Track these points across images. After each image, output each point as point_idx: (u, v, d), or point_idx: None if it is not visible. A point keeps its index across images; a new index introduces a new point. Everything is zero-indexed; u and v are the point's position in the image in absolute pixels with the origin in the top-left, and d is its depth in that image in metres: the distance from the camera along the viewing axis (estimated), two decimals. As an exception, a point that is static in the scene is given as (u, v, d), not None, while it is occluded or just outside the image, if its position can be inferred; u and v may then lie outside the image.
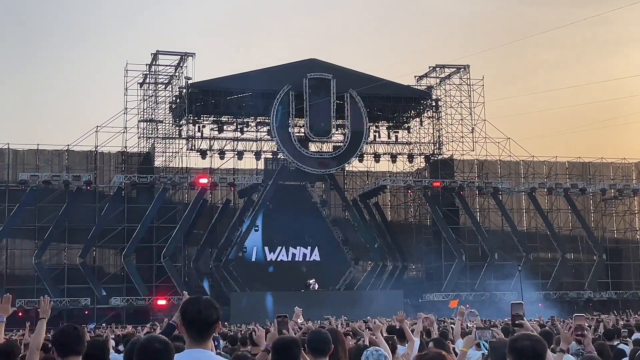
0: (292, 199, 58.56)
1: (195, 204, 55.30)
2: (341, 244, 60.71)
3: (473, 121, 61.07)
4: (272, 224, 57.64)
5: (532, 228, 63.94)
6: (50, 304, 7.45)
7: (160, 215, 54.43)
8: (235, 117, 59.38)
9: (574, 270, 63.00)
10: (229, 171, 59.66)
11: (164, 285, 52.20)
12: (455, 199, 60.47)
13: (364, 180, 64.74)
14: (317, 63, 58.25)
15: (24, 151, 55.97)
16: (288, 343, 5.73)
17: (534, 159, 62.64)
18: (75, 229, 53.91)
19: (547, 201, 63.33)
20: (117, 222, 53.82)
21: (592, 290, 59.31)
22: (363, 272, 62.22)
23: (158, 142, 57.43)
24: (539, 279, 58.21)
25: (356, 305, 43.77)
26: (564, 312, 46.24)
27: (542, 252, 63.10)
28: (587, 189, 61.99)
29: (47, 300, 7.50)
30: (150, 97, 57.64)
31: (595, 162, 65.96)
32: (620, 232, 66.86)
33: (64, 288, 51.94)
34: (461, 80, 61.91)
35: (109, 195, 55.46)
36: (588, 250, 62.51)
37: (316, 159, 58.11)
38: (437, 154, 62.10)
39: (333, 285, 57.51)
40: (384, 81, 58.64)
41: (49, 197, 52.62)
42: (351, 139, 58.16)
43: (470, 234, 59.67)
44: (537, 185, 60.84)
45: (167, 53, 56.79)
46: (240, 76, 56.39)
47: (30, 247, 54.01)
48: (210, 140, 58.95)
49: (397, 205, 66.34)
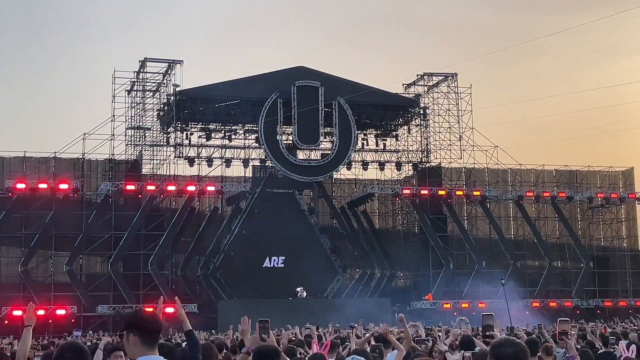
0: (279, 206, 58.52)
1: (182, 211, 55.15)
2: (329, 251, 60.69)
3: (461, 129, 61.30)
4: (259, 232, 57.50)
5: (520, 236, 64.10)
6: (35, 311, 7.42)
7: (147, 223, 54.27)
8: (223, 124, 59.34)
9: (561, 278, 63.20)
10: (217, 179, 59.58)
11: (152, 293, 51.99)
12: (443, 207, 60.55)
13: (352, 188, 64.81)
14: (305, 71, 58.31)
15: (10, 158, 55.73)
16: (269, 351, 5.77)
17: (521, 167, 62.89)
18: (61, 236, 53.62)
19: (535, 209, 63.54)
20: (104, 230, 53.61)
21: (579, 298, 59.46)
22: (351, 279, 62.20)
23: (146, 149, 57.29)
24: (526, 286, 58.36)
25: (344, 313, 43.68)
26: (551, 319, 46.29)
27: (529, 260, 63.29)
28: (574, 197, 62.20)
29: (32, 307, 7.46)
30: (138, 105, 57.47)
31: (582, 170, 66.26)
32: (607, 240, 67.13)
33: (50, 296, 51.68)
34: (449, 88, 62.08)
35: (96, 203, 55.23)
36: (575, 258, 62.67)
37: (304, 167, 58.09)
38: (425, 161, 62.21)
39: (321, 293, 57.44)
40: (372, 89, 58.78)
41: (36, 205, 52.37)
42: (339, 147, 58.18)
43: (458, 242, 59.75)
44: (524, 193, 60.99)
45: (155, 60, 56.69)
46: (229, 84, 56.39)
47: (17, 254, 53.71)
48: (198, 148, 58.88)
49: (385, 213, 66.40)
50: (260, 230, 56.85)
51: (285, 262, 58.26)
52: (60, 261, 53.46)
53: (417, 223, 62.35)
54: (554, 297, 59.36)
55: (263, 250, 58.16)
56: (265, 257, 58.36)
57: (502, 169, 62.75)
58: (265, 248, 58.12)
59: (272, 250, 58.20)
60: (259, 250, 57.99)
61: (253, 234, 57.54)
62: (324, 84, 57.59)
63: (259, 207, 58.58)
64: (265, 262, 58.33)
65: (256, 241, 57.68)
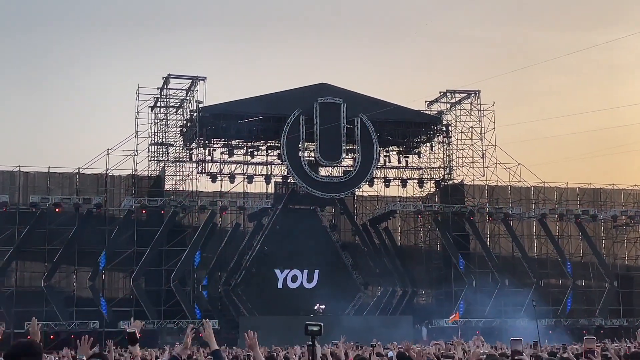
0: (301, 223, 58.52)
1: (204, 227, 55.28)
2: (350, 268, 60.57)
3: (483, 146, 61.12)
4: (281, 248, 57.54)
5: (543, 254, 63.65)
6: (39, 325, 7.63)
7: (169, 239, 54.47)
8: (245, 140, 59.49)
9: (585, 297, 62.61)
10: (239, 195, 59.72)
11: (174, 308, 52.13)
12: (465, 224, 60.29)
13: (374, 205, 64.68)
14: (327, 87, 58.40)
15: (34, 174, 56.13)
16: None
17: (544, 185, 62.52)
18: (84, 251, 53.88)
19: (558, 227, 63.05)
20: (126, 245, 53.85)
21: (603, 318, 58.87)
22: (373, 297, 62.00)
23: (168, 165, 57.59)
24: (549, 305, 57.86)
25: (365, 330, 43.51)
26: (575, 339, 45.88)
27: (552, 279, 62.77)
28: (598, 216, 61.72)
29: (35, 321, 7.65)
30: (161, 121, 57.87)
31: (606, 188, 65.74)
32: (632, 259, 66.45)
33: (72, 311, 51.92)
34: (472, 105, 61.97)
35: (119, 218, 55.51)
36: (599, 277, 62.12)
37: (326, 184, 58.08)
38: (448, 179, 62.03)
39: (342, 310, 57.30)
40: (395, 106, 58.70)
41: (59, 220, 52.74)
42: (361, 164, 58.13)
43: (481, 260, 59.42)
44: (547, 211, 60.59)
45: (179, 77, 57.04)
46: (251, 100, 56.57)
47: (40, 269, 54.06)
48: (221, 164, 59.04)
49: (407, 230, 66.17)
50: (281, 246, 56.86)
51: (307, 279, 58.18)
52: (83, 276, 53.74)
53: (439, 240, 62.12)
54: (578, 316, 58.81)
55: (284, 266, 58.16)
56: (286, 273, 58.31)
57: (525, 186, 62.43)
58: (286, 264, 58.12)
59: (293, 266, 58.15)
60: (280, 266, 58.02)
61: (274, 251, 57.57)
62: (346, 100, 57.64)
63: (281, 223, 58.63)
64: (286, 279, 58.25)
65: (277, 258, 57.71)
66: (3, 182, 55.30)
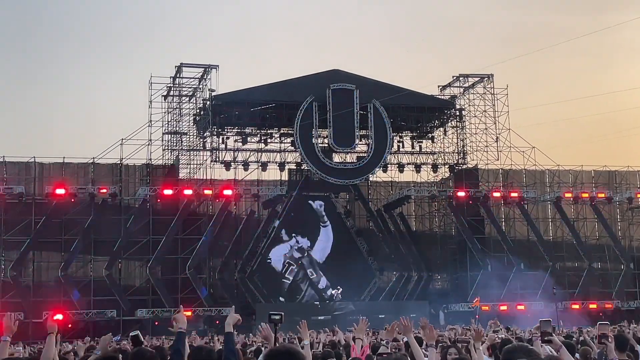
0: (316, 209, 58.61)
1: (219, 215, 55.44)
2: (366, 254, 60.63)
3: (497, 130, 60.93)
4: (296, 235, 57.64)
5: (558, 237, 63.44)
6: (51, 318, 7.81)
7: (185, 227, 54.67)
8: (258, 128, 59.49)
9: (601, 280, 62.42)
10: (253, 182, 59.82)
11: (190, 296, 52.35)
12: (480, 209, 60.15)
13: (388, 190, 64.62)
14: (340, 74, 58.32)
15: (50, 164, 56.37)
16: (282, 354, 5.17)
17: (559, 168, 62.24)
18: (100, 241, 54.20)
19: (573, 210, 62.79)
20: (142, 234, 54.10)
21: (619, 300, 58.70)
22: (388, 282, 62.03)
23: (182, 154, 57.74)
24: (565, 288, 57.70)
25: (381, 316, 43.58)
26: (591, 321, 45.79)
27: (568, 262, 62.58)
28: (614, 198, 61.43)
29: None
30: (175, 110, 57.97)
31: (621, 170, 65.38)
32: (648, 241, 66.14)
33: (90, 300, 52.26)
34: (485, 89, 61.74)
35: (134, 208, 55.75)
36: (615, 259, 61.92)
37: (340, 170, 58.07)
38: (462, 163, 61.90)
39: (358, 295, 57.39)
40: (407, 91, 58.53)
41: (75, 210, 53.01)
42: (375, 149, 58.08)
43: (496, 244, 59.31)
44: (562, 194, 60.35)
45: (191, 65, 57.09)
46: (264, 87, 56.53)
47: (57, 259, 54.38)
48: (234, 152, 59.09)
49: (422, 215, 66.06)
50: (296, 233, 56.96)
51: (323, 266, 58.34)
52: (100, 265, 54.05)
53: (454, 225, 62.05)
54: (594, 299, 58.63)
55: (300, 252, 58.32)
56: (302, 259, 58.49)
57: (540, 169, 62.17)
58: (302, 251, 58.26)
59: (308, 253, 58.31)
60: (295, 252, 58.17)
61: (289, 237, 57.69)
62: (359, 86, 57.54)
63: (295, 210, 58.72)
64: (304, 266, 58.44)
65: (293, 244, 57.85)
66: (19, 172, 55.59)
